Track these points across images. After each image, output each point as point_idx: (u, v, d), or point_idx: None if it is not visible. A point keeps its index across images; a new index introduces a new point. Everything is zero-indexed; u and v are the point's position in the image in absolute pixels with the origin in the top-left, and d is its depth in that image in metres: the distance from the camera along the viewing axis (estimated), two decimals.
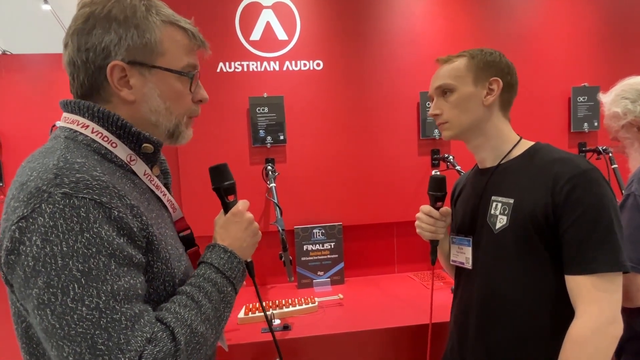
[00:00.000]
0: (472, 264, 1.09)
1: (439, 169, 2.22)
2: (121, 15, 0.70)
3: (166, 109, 0.76)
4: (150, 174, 0.78)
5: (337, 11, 2.12)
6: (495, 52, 1.09)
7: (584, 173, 0.92)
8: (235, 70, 2.06)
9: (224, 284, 0.77)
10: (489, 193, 1.07)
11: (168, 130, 0.79)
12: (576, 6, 2.30)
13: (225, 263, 0.79)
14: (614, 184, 2.02)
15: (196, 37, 0.78)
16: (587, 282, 0.89)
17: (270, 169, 2.04)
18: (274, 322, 1.63)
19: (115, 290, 0.61)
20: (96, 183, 0.62)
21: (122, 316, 0.61)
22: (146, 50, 0.72)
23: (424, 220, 1.17)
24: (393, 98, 2.18)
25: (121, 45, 0.70)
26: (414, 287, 2.06)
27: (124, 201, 0.65)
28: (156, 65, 0.73)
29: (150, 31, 0.71)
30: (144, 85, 0.73)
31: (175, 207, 0.86)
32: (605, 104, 1.34)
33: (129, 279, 0.63)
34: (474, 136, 1.09)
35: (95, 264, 0.60)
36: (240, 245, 0.84)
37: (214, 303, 0.74)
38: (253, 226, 0.88)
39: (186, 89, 0.78)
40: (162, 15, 0.74)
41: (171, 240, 0.77)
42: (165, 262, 0.72)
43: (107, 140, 0.71)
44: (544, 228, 0.94)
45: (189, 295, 0.72)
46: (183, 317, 0.68)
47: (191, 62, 0.78)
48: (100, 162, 0.69)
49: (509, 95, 1.09)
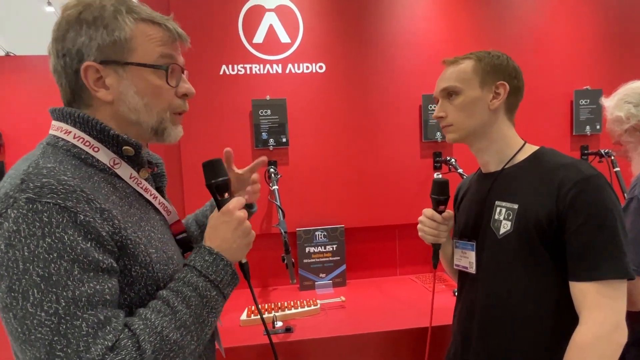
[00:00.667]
0: (476, 268, 1.09)
1: (440, 172, 2.22)
2: (90, 17, 0.70)
3: (145, 106, 0.75)
4: (137, 177, 0.77)
5: (339, 14, 2.12)
6: (502, 54, 1.08)
7: (588, 179, 0.92)
8: (238, 72, 2.07)
9: (206, 288, 0.73)
10: (493, 198, 1.06)
11: (151, 127, 0.77)
12: (578, 9, 2.30)
13: (209, 266, 0.75)
14: (616, 187, 2.02)
15: (171, 30, 0.75)
16: (592, 288, 0.89)
17: (273, 171, 2.05)
18: (277, 324, 1.64)
19: (77, 296, 0.60)
20: (62, 187, 0.62)
21: (83, 322, 0.60)
22: (117, 48, 0.71)
23: (427, 224, 1.16)
24: (395, 100, 2.18)
25: (91, 46, 0.70)
26: (416, 289, 2.06)
27: (93, 205, 0.64)
28: (129, 62, 0.72)
29: (119, 29, 0.71)
30: (119, 84, 0.72)
31: (169, 210, 0.85)
32: (608, 108, 1.34)
33: (95, 284, 0.62)
34: (478, 140, 1.08)
35: (56, 269, 0.59)
36: (229, 246, 0.79)
37: (193, 308, 0.71)
38: (243, 226, 0.81)
39: (164, 83, 0.75)
40: (133, 13, 0.73)
41: (157, 244, 0.76)
42: (145, 266, 0.71)
43: (88, 145, 0.72)
44: (548, 234, 0.94)
45: (165, 300, 0.70)
46: (153, 323, 0.66)
47: (165, 52, 0.75)
48: (78, 167, 0.69)
49: (515, 99, 1.08)
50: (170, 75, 0.76)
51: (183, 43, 0.79)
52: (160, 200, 0.82)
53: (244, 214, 0.82)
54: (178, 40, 0.78)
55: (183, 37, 0.78)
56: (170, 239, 0.83)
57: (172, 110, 0.79)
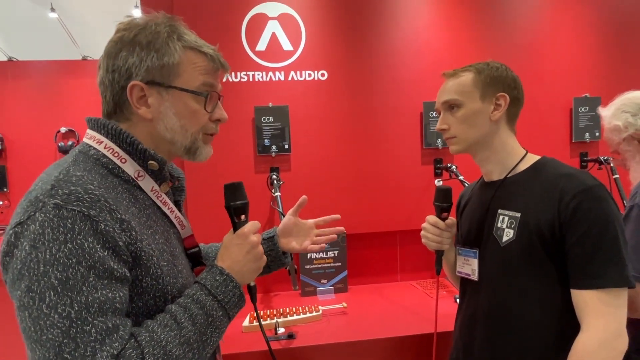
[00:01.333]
0: (478, 275, 1.10)
1: (441, 178, 2.24)
2: (144, 40, 0.75)
3: (181, 127, 0.79)
4: (158, 190, 0.81)
5: (341, 22, 2.15)
6: (501, 65, 1.10)
7: (589, 189, 0.93)
8: (241, 80, 2.09)
9: (213, 307, 0.75)
10: (496, 206, 1.08)
11: (184, 147, 0.82)
12: (578, 18, 2.33)
13: (219, 286, 0.77)
14: (616, 194, 2.03)
15: (215, 59, 0.81)
16: (594, 296, 0.91)
17: (275, 177, 2.06)
18: (279, 330, 1.65)
19: (90, 302, 0.62)
20: (87, 196, 0.65)
21: (92, 328, 0.62)
22: (164, 72, 0.76)
23: (430, 231, 1.18)
24: (396, 108, 2.20)
25: (141, 67, 0.75)
26: (417, 295, 2.07)
27: (114, 215, 0.67)
28: (172, 85, 0.77)
29: (169, 55, 0.76)
30: (160, 104, 0.78)
31: (183, 225, 0.87)
32: (605, 117, 1.36)
33: (107, 292, 0.64)
34: (481, 150, 1.10)
35: (73, 274, 0.62)
36: (240, 269, 0.81)
37: (198, 326, 0.72)
38: (256, 250, 0.84)
39: (201, 108, 0.81)
40: (183, 40, 0.78)
41: (169, 257, 0.77)
42: (155, 278, 0.73)
43: (117, 155, 0.75)
44: (550, 242, 0.96)
45: (173, 315, 0.72)
46: (159, 337, 0.68)
47: (207, 80, 0.80)
48: (104, 176, 0.72)
49: (515, 109, 1.10)
50: (208, 102, 0.81)
51: (224, 72, 0.85)
52: (177, 214, 0.85)
53: (257, 238, 0.85)
54: (220, 69, 0.84)
55: (225, 67, 0.84)
56: (181, 252, 0.85)
57: (204, 132, 0.83)
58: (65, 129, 4.31)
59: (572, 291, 0.94)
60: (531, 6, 2.29)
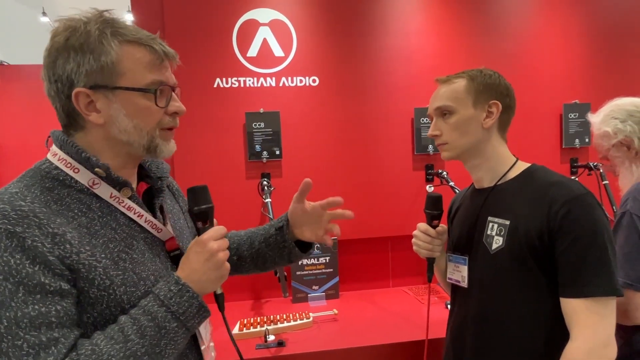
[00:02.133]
0: (468, 282, 1.10)
1: (432, 184, 2.24)
2: (77, 43, 0.71)
3: (134, 127, 0.76)
4: (118, 196, 0.77)
5: (332, 29, 2.15)
6: (494, 73, 1.10)
7: (578, 197, 0.93)
8: (232, 85, 2.09)
9: (166, 319, 0.72)
10: (485, 213, 1.08)
11: (142, 146, 0.78)
12: (567, 25, 2.36)
13: (173, 296, 0.73)
14: (605, 200, 2.05)
15: (157, 50, 0.76)
16: (582, 305, 0.91)
17: (266, 183, 2.06)
18: (269, 338, 1.63)
19: (19, 317, 0.62)
20: (14, 213, 0.65)
21: (24, 343, 0.62)
22: (105, 73, 0.72)
23: (421, 238, 1.18)
24: (388, 114, 2.20)
25: (80, 72, 0.71)
26: (409, 302, 2.07)
27: (44, 230, 0.66)
28: (117, 86, 0.73)
29: (105, 53, 0.72)
30: (109, 107, 0.74)
31: (159, 228, 0.83)
32: (595, 123, 1.37)
33: (40, 306, 0.64)
34: (472, 157, 1.10)
35: (1, 290, 0.62)
36: (198, 278, 0.77)
37: (148, 339, 0.70)
38: (215, 259, 0.78)
39: (153, 104, 0.76)
40: (119, 35, 0.73)
41: (128, 265, 0.75)
42: (104, 289, 0.70)
43: (69, 166, 0.74)
44: (539, 250, 0.96)
45: (121, 327, 0.69)
46: (101, 350, 0.66)
47: (156, 78, 0.76)
48: (50, 189, 0.71)
49: (507, 117, 1.10)
50: (159, 97, 0.77)
51: (172, 60, 0.79)
52: (148, 218, 0.81)
53: (218, 245, 0.79)
54: (166, 60, 0.78)
55: (170, 56, 0.78)
56: (155, 257, 0.81)
57: (160, 127, 0.79)
58: None
59: (561, 299, 0.94)
60: (522, 13, 2.31)
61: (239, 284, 2.14)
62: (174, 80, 0.80)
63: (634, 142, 1.27)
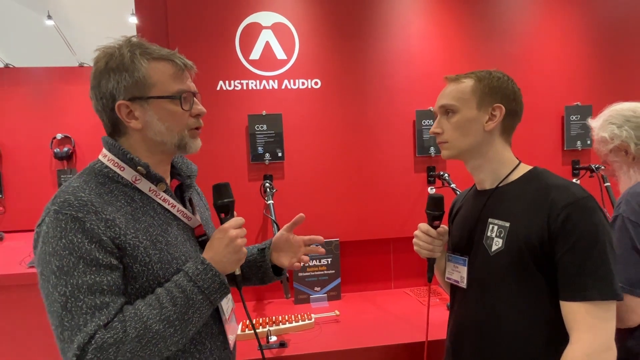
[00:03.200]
0: (467, 283, 1.11)
1: (434, 186, 2.25)
2: (114, 65, 0.88)
3: (167, 129, 0.92)
4: (155, 189, 0.93)
5: (335, 31, 2.17)
6: (503, 76, 1.09)
7: (579, 201, 0.93)
8: (235, 88, 2.10)
9: (193, 292, 0.86)
10: (486, 215, 1.08)
11: (174, 144, 0.94)
12: (569, 27, 2.36)
13: (199, 273, 0.88)
14: (607, 202, 2.05)
15: (178, 63, 0.92)
16: (582, 309, 0.91)
17: (268, 185, 2.07)
18: (271, 339, 1.64)
19: (80, 284, 0.78)
20: (76, 202, 0.81)
21: (83, 304, 0.78)
22: (139, 86, 0.89)
23: (422, 239, 1.18)
24: (389, 116, 2.21)
25: (120, 88, 0.88)
26: (410, 303, 2.07)
27: (99, 215, 0.82)
28: (150, 96, 0.90)
29: (137, 70, 0.88)
30: (145, 114, 0.91)
31: (189, 217, 0.99)
32: (594, 129, 1.38)
33: (95, 276, 0.79)
34: (473, 158, 1.10)
35: (67, 262, 0.79)
36: (220, 259, 0.92)
37: (178, 307, 0.84)
38: (235, 243, 0.93)
39: (179, 108, 0.93)
40: (146, 54, 0.90)
41: (164, 246, 0.90)
42: (144, 265, 0.86)
43: (117, 165, 0.91)
44: (539, 253, 0.96)
45: (157, 297, 0.84)
46: (142, 313, 0.81)
47: (180, 87, 0.93)
48: (103, 184, 0.89)
49: (511, 122, 1.10)
50: (183, 102, 0.93)
51: (190, 70, 0.97)
52: (179, 208, 0.97)
53: (236, 233, 0.94)
54: (186, 70, 0.95)
55: (188, 66, 0.96)
56: (186, 240, 0.97)
57: (188, 128, 0.95)
58: (61, 135, 4.31)
59: (561, 303, 0.94)
60: (523, 16, 2.32)
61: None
62: (194, 87, 0.97)
63: (631, 147, 1.28)
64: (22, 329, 2.24)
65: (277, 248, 1.20)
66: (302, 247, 1.21)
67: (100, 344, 0.76)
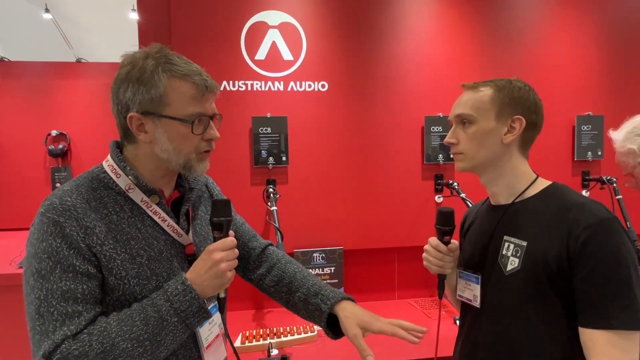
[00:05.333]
0: (480, 302, 1.05)
1: (442, 195, 2.19)
2: (134, 77, 0.86)
3: (174, 149, 0.89)
4: (147, 201, 0.90)
5: (343, 33, 2.11)
6: (524, 86, 1.04)
7: (601, 222, 0.88)
8: (239, 89, 2.04)
9: (169, 312, 0.82)
10: (501, 232, 1.03)
11: (179, 164, 0.91)
12: (581, 35, 2.32)
13: (178, 294, 0.83)
14: (619, 215, 2.00)
15: (200, 86, 0.88)
16: (602, 337, 0.85)
17: (272, 191, 2.00)
18: (272, 352, 1.57)
19: (55, 289, 0.78)
20: (60, 206, 0.81)
21: (55, 310, 0.77)
22: (154, 103, 0.86)
23: (432, 254, 1.12)
24: (398, 122, 2.16)
25: (135, 100, 0.86)
26: (415, 315, 2.01)
27: (80, 222, 0.81)
28: (163, 115, 0.87)
29: (155, 87, 0.86)
30: (155, 130, 0.88)
31: (180, 233, 0.94)
32: (617, 141, 1.33)
33: (70, 283, 0.79)
34: (488, 171, 1.05)
35: (45, 265, 0.79)
36: (201, 282, 0.86)
37: (150, 327, 0.80)
38: (218, 268, 0.86)
39: (190, 132, 0.89)
40: (169, 71, 0.87)
41: (144, 261, 0.87)
42: (120, 279, 0.84)
43: (114, 171, 0.89)
44: (557, 276, 0.90)
45: (131, 313, 0.82)
46: (111, 329, 0.79)
47: (196, 110, 0.88)
48: (95, 189, 0.87)
49: (531, 135, 1.04)
50: (196, 126, 0.89)
51: (213, 93, 0.92)
52: (170, 223, 0.93)
53: (221, 256, 0.86)
54: (207, 93, 0.90)
55: (210, 89, 0.90)
56: (172, 257, 0.92)
57: (197, 151, 0.92)
58: (56, 132, 4.22)
59: (580, 329, 0.89)
60: (535, 22, 2.27)
61: (240, 293, 2.08)
62: (214, 111, 0.93)
63: None
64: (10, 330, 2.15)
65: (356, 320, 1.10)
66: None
67: (65, 355, 0.75)
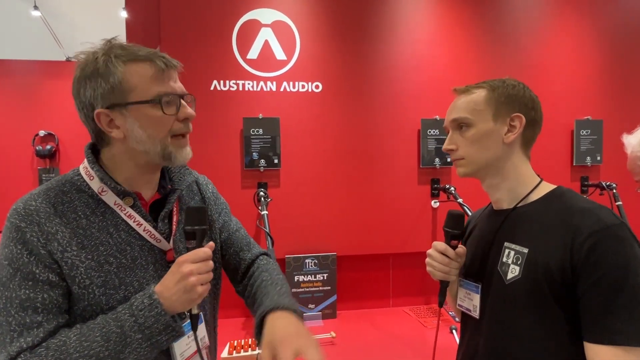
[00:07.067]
0: (480, 312, 1.00)
1: (438, 199, 2.13)
2: (89, 72, 0.81)
3: (148, 137, 0.83)
4: (121, 204, 0.85)
5: (338, 33, 2.05)
6: (518, 84, 1.00)
7: (607, 229, 0.82)
8: (230, 89, 1.97)
9: (132, 329, 0.76)
10: (502, 238, 0.97)
11: (158, 154, 0.84)
12: (581, 40, 2.28)
13: (144, 309, 0.77)
14: None
15: (158, 63, 0.82)
16: (608, 353, 0.80)
17: (263, 194, 1.93)
18: None
19: (13, 297, 0.74)
20: (23, 211, 0.77)
21: (13, 320, 0.74)
22: (116, 92, 0.80)
23: (437, 259, 1.05)
24: (393, 124, 2.10)
25: (97, 96, 0.81)
26: (410, 323, 1.95)
27: (41, 228, 0.77)
28: (128, 102, 0.81)
29: (112, 75, 0.80)
30: (126, 122, 0.82)
31: (158, 238, 0.87)
32: (630, 145, 1.28)
33: (29, 292, 0.75)
34: (490, 175, 1.00)
35: (5, 272, 0.75)
36: (169, 296, 0.78)
37: (112, 344, 0.74)
38: (187, 281, 0.78)
39: (162, 113, 0.83)
40: (122, 56, 0.81)
41: (113, 269, 0.80)
42: (84, 288, 0.78)
43: (88, 174, 0.84)
44: (560, 286, 0.85)
45: (93, 327, 0.76)
46: (70, 344, 0.74)
47: (160, 90, 0.82)
48: (66, 193, 0.82)
49: (532, 133, 1.00)
50: (166, 106, 0.83)
51: (173, 69, 0.85)
52: (146, 227, 0.86)
53: (190, 269, 0.79)
54: (168, 70, 0.84)
55: (170, 65, 0.84)
56: (148, 265, 0.85)
57: (172, 134, 0.85)
58: (44, 132, 4.11)
59: (585, 344, 0.83)
60: (534, 24, 2.23)
61: (229, 300, 2.00)
62: (181, 89, 0.87)
63: None
64: None
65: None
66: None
67: None
